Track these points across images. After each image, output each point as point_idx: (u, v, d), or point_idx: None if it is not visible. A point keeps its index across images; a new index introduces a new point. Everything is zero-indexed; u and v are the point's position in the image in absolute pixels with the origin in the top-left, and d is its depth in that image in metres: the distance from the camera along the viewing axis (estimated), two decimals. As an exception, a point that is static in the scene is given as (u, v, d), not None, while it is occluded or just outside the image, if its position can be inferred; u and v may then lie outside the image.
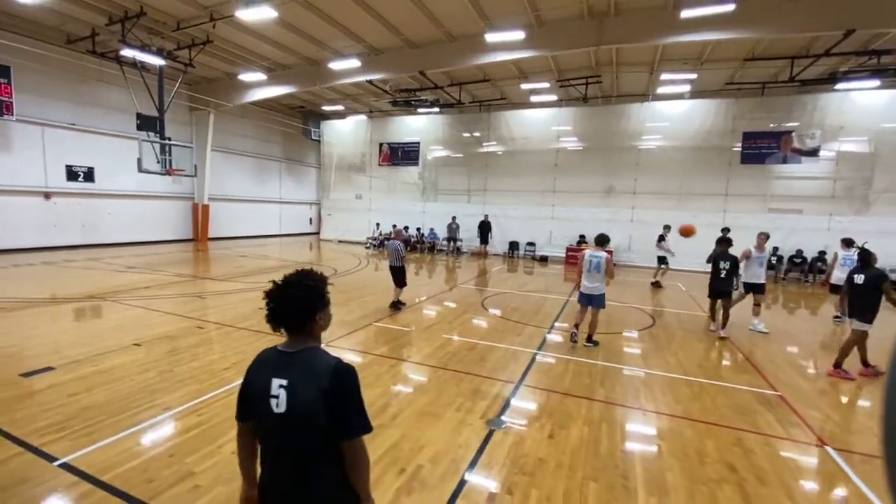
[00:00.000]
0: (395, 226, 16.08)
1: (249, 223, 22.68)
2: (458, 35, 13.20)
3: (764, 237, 8.04)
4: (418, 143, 21.27)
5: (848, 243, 8.91)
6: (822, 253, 14.85)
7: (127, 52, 12.61)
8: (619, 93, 17.78)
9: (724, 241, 7.86)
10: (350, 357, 5.72)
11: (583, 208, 18.29)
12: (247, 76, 16.30)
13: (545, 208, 18.98)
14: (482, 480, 3.21)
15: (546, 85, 16.45)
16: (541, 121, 18.86)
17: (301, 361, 1.50)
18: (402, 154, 21.75)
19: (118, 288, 9.34)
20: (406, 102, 17.76)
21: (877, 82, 13.23)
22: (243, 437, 1.64)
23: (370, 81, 16.24)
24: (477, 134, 20.11)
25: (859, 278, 5.75)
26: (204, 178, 19.06)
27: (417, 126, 21.43)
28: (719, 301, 7.64)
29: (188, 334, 6.37)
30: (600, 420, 4.22)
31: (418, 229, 20.72)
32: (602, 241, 6.50)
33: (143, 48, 12.56)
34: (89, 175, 15.69)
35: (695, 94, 16.68)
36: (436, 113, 19.91)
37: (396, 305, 8.46)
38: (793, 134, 15.34)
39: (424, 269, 15.18)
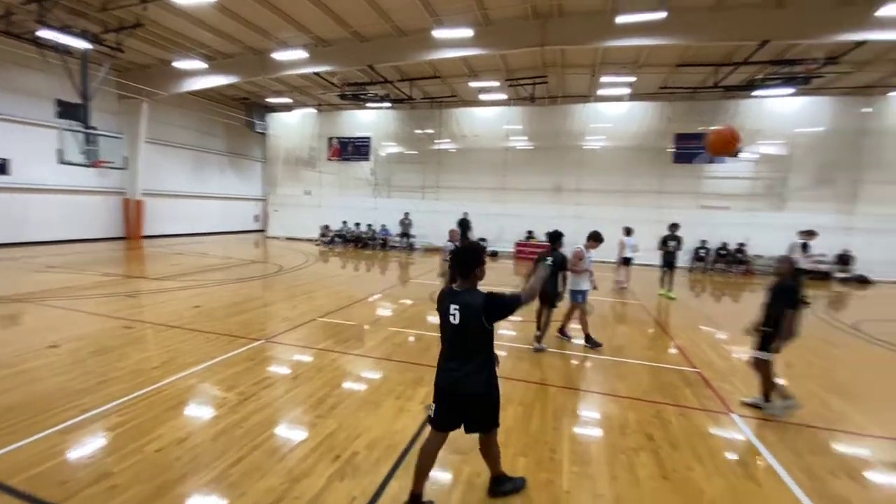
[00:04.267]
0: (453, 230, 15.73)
1: (189, 220, 21.41)
2: (406, 30, 13.18)
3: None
4: (369, 138, 21.03)
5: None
6: (742, 245, 16.22)
7: (45, 34, 11.52)
8: (564, 93, 18.45)
9: (553, 238, 6.03)
10: (291, 352, 5.62)
11: (531, 205, 18.85)
12: (183, 64, 15.36)
13: (496, 205, 19.38)
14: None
15: (495, 84, 16.79)
16: (491, 119, 19.23)
17: (467, 294, 2.62)
18: (352, 149, 21.40)
19: (38, 288, 8.56)
20: (355, 96, 17.49)
21: (790, 90, 14.60)
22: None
23: (318, 74, 15.85)
24: (430, 130, 20.17)
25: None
26: (137, 172, 17.80)
27: (368, 121, 21.17)
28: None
29: (114, 335, 5.97)
30: (534, 401, 4.42)
31: (369, 226, 20.50)
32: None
33: (65, 30, 11.52)
34: (4, 167, 14.20)
35: (633, 97, 17.64)
36: (387, 108, 19.76)
37: None
38: (718, 136, 16.59)
39: (377, 266, 15.06)
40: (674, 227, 11.01)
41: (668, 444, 3.68)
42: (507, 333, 6.95)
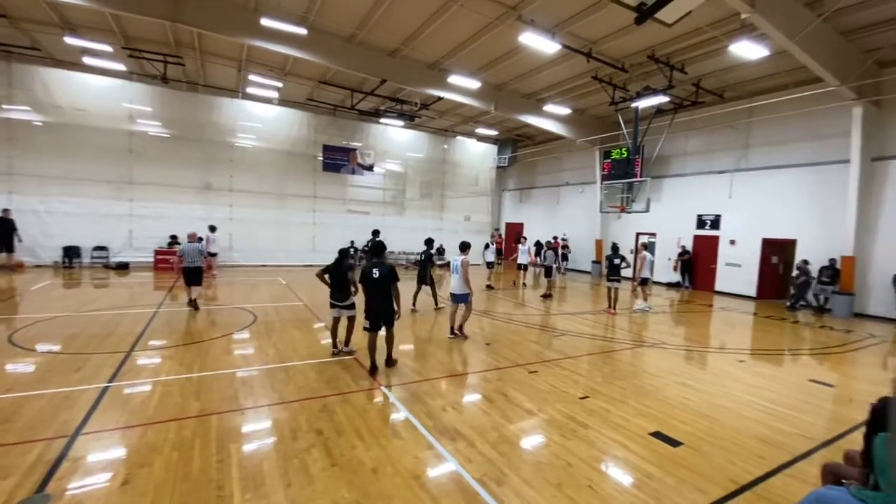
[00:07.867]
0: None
1: None
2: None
3: None
4: None
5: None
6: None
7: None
8: (206, 82, 16.64)
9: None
10: None
11: (173, 204, 15.99)
12: None
13: (120, 203, 15.27)
14: None
15: (108, 49, 13.08)
16: (104, 92, 14.87)
17: (380, 264, 5.70)
18: None
19: None
20: None
21: (401, 123, 18.78)
22: (363, 288, 5.76)
23: None
24: (-15, 89, 13.47)
25: (617, 260, 10.64)
26: None
27: None
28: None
29: None
30: (193, 438, 3.82)
31: None
32: (462, 247, 7.76)
33: None
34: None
35: (283, 102, 18.00)
36: None
37: (195, 304, 8.83)
38: (357, 151, 19.46)
39: None
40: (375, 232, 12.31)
41: (335, 433, 4.04)
42: (139, 361, 5.66)
